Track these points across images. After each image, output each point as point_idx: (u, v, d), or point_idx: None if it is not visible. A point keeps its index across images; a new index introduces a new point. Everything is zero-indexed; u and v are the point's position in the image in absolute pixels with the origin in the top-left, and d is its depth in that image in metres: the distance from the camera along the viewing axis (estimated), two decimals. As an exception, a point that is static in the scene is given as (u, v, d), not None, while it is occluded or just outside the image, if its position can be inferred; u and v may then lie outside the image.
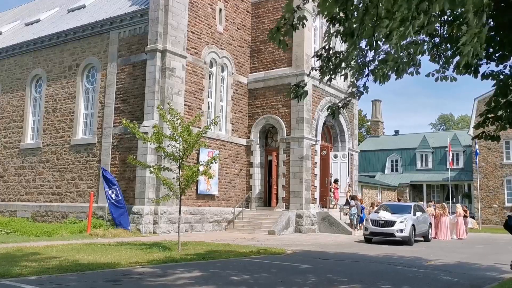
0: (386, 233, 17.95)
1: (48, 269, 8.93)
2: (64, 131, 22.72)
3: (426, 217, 20.42)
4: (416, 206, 20.16)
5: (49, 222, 21.13)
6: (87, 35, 22.48)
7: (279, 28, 6.37)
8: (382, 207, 20.05)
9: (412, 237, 17.94)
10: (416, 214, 18.91)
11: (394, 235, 17.73)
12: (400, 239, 17.76)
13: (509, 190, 38.46)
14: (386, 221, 18.07)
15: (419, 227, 18.87)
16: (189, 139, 12.93)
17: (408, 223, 17.89)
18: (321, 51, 7.42)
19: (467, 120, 61.46)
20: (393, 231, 17.73)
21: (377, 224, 18.10)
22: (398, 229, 17.69)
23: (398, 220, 17.89)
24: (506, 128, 7.96)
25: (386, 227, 17.92)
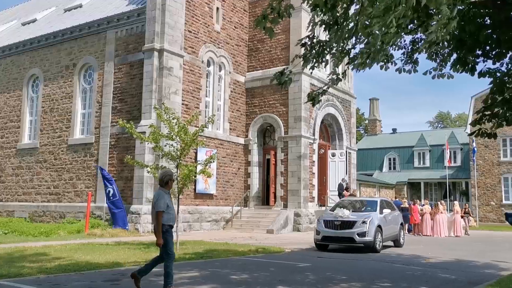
0: (343, 237, 13.99)
1: (46, 269, 8.91)
2: (61, 130, 22.67)
3: (396, 216, 16.46)
4: (384, 202, 16.17)
5: (47, 222, 21.09)
6: (84, 35, 22.44)
7: (265, 16, 6.42)
8: (340, 203, 16.25)
9: (378, 242, 14.05)
10: (383, 212, 14.97)
11: (353, 239, 13.80)
12: (361, 244, 13.87)
13: (506, 188, 38.56)
14: (343, 221, 14.01)
15: (387, 228, 14.93)
16: (186, 138, 12.92)
17: (372, 224, 13.88)
18: (305, 40, 7.47)
19: (464, 118, 61.59)
20: (352, 235, 13.77)
21: (332, 226, 14.10)
22: (359, 232, 13.72)
23: (359, 220, 13.90)
24: (503, 125, 7.98)
25: (343, 229, 13.92)
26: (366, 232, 13.71)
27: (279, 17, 6.51)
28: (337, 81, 7.88)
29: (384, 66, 7.84)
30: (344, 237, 13.98)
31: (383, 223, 14.56)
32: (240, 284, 7.95)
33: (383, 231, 14.42)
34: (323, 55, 7.38)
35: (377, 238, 14.02)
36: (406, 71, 8.43)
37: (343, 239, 14.07)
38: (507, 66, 7.83)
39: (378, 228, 14.12)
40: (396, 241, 16.17)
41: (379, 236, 14.13)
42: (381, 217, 14.66)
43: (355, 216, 14.29)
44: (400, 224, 16.48)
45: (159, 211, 6.78)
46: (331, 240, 14.28)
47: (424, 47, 5.74)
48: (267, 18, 6.46)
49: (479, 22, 7.17)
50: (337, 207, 15.34)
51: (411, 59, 8.46)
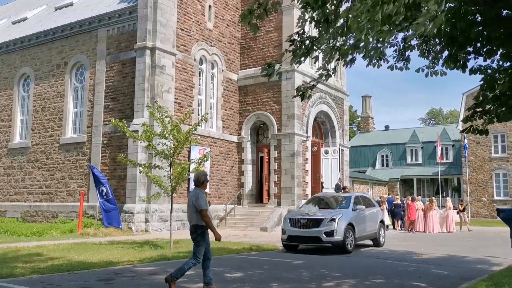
0: (309, 237, 12.81)
1: (39, 269, 8.87)
2: (53, 130, 22.53)
3: (374, 213, 15.15)
4: (360, 198, 14.88)
5: (39, 222, 20.96)
6: (75, 33, 22.29)
7: (252, 11, 6.41)
8: (313, 199, 15.14)
9: (349, 242, 12.88)
10: (357, 208, 13.80)
11: (320, 239, 12.60)
12: (329, 244, 12.72)
13: (498, 184, 38.89)
14: (309, 219, 12.78)
15: (362, 227, 13.79)
16: (179, 136, 12.90)
17: (341, 222, 12.68)
18: (295, 36, 7.48)
19: (456, 114, 61.97)
20: (319, 234, 12.58)
21: (298, 225, 12.93)
22: (326, 231, 12.51)
23: (327, 218, 12.71)
24: (494, 121, 8.04)
25: (309, 228, 12.77)
26: (334, 230, 12.48)
27: (265, 13, 6.51)
28: (327, 76, 7.90)
29: (376, 63, 7.87)
30: (310, 236, 12.76)
31: (356, 221, 13.39)
32: (234, 282, 7.96)
33: (356, 230, 13.22)
34: (312, 51, 7.40)
35: (348, 237, 12.83)
36: (398, 68, 8.48)
37: (310, 238, 12.86)
38: (498, 63, 7.88)
39: (349, 226, 12.93)
40: (375, 240, 14.95)
41: (350, 235, 12.95)
42: (354, 214, 13.49)
43: (323, 213, 13.06)
44: (380, 221, 15.32)
45: (203, 209, 6.87)
46: (297, 240, 13.14)
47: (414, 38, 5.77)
48: (253, 13, 6.45)
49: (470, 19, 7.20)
50: (308, 204, 14.19)
51: (403, 57, 8.50)
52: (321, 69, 7.89)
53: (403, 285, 7.89)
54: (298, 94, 8.12)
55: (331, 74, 7.89)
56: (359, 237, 13.63)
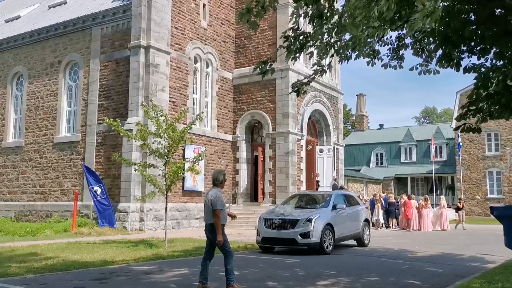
0: (284, 238, 12.07)
1: (33, 268, 8.83)
2: (47, 129, 22.43)
3: (358, 211, 14.48)
4: (341, 197, 14.05)
5: (33, 222, 20.87)
6: (68, 32, 22.19)
7: (250, 9, 6.41)
8: (292, 198, 14.76)
9: (327, 243, 12.15)
10: (337, 207, 13.08)
11: (295, 241, 11.90)
12: (305, 247, 12.01)
13: (491, 182, 39.12)
14: (284, 220, 12.07)
15: (342, 227, 13.06)
16: (174, 135, 12.88)
17: (318, 223, 11.99)
18: (288, 32, 7.49)
19: (450, 113, 62.26)
20: (294, 236, 11.87)
21: (272, 225, 12.22)
22: (302, 232, 11.81)
23: (303, 218, 12.01)
24: (487, 120, 8.08)
25: (284, 229, 12.02)
26: (310, 232, 11.78)
27: (263, 10, 6.51)
28: (322, 72, 7.90)
29: (370, 62, 7.89)
30: (285, 238, 12.00)
31: (336, 221, 12.69)
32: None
33: (335, 230, 12.54)
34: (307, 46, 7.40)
35: (326, 238, 12.15)
36: (392, 67, 8.49)
37: (284, 240, 12.09)
38: (491, 62, 7.92)
39: (327, 226, 12.23)
40: (358, 240, 14.33)
41: (328, 236, 12.25)
42: (333, 214, 12.77)
43: (300, 213, 12.38)
44: (365, 220, 14.63)
45: (217, 209, 6.93)
46: (272, 241, 12.41)
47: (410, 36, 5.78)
48: (251, 12, 6.45)
49: (464, 18, 7.23)
50: (287, 203, 13.67)
51: (397, 55, 8.52)
52: (316, 65, 7.89)
53: (397, 283, 7.92)
54: (294, 90, 8.13)
55: (326, 70, 7.89)
56: (339, 238, 12.96)
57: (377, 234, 20.38)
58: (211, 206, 6.99)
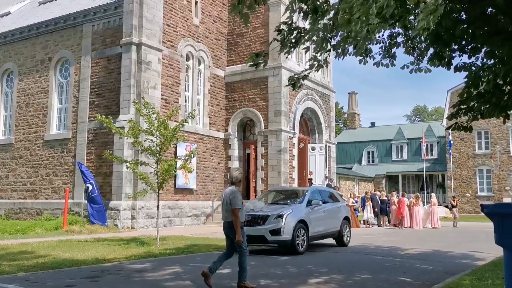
0: (253, 236, 11.06)
1: (24, 267, 8.77)
2: (37, 126, 22.25)
3: (337, 208, 13.72)
4: (318, 193, 13.40)
5: (24, 220, 20.73)
6: (59, 28, 22.01)
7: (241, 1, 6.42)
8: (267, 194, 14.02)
9: (300, 241, 11.54)
10: (312, 204, 12.39)
11: (265, 238, 11.31)
12: (275, 245, 11.52)
13: (481, 180, 39.45)
14: (253, 216, 11.45)
15: (318, 224, 12.34)
16: (166, 133, 12.83)
17: (290, 219, 11.39)
18: (283, 26, 7.49)
19: (441, 111, 62.66)
20: (263, 233, 11.27)
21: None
22: (272, 229, 11.23)
23: (273, 214, 11.41)
24: (478, 118, 8.15)
25: (253, 225, 11.31)
26: (281, 229, 11.16)
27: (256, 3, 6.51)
28: (318, 66, 7.91)
29: (362, 60, 7.91)
30: (254, 235, 11.13)
31: (310, 218, 12.03)
32: (222, 278, 7.97)
33: (310, 228, 11.90)
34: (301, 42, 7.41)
35: (299, 236, 11.50)
36: (384, 65, 8.53)
37: (254, 238, 11.15)
38: (482, 61, 7.99)
39: (300, 223, 11.59)
40: (338, 239, 13.57)
41: (302, 234, 11.59)
42: (307, 210, 12.12)
43: (271, 209, 11.80)
44: (344, 218, 13.80)
45: (236, 208, 7.05)
46: None
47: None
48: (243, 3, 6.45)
49: (455, 17, 7.28)
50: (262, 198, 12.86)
51: (389, 53, 8.55)
52: (312, 60, 7.90)
53: (389, 280, 7.97)
54: (290, 83, 8.15)
55: (323, 65, 7.90)
56: (314, 236, 12.26)
57: (368, 231, 20.50)
58: (230, 205, 7.12)
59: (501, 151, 38.57)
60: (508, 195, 37.46)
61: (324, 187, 18.34)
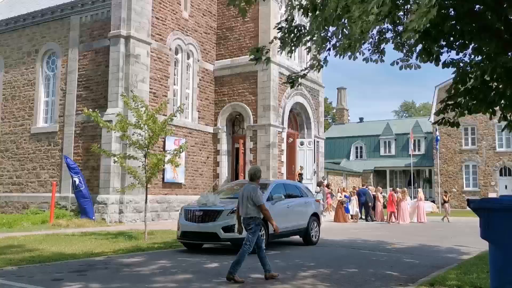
0: (205, 233, 10.37)
1: (10, 260, 8.69)
2: (23, 119, 21.99)
3: (304, 204, 12.62)
4: (282, 186, 12.29)
5: (10, 213, 20.51)
6: (46, 20, 21.73)
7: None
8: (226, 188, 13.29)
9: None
10: (274, 198, 11.22)
11: (217, 236, 10.23)
12: (228, 242, 10.33)
13: (467, 175, 39.94)
14: (205, 211, 10.44)
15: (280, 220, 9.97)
16: (154, 127, 12.76)
17: None
18: (283, 23, 7.47)
19: (428, 107, 63.17)
20: (216, 230, 10.20)
21: (193, 218, 10.56)
22: (225, 226, 10.15)
23: (227, 209, 10.29)
24: (465, 114, 8.22)
25: (205, 221, 10.37)
26: (235, 225, 9.39)
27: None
28: (319, 66, 7.93)
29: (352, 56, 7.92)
30: (206, 232, 10.30)
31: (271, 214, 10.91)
32: (210, 272, 7.98)
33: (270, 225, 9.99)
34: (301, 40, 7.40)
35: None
36: (373, 61, 8.54)
37: (205, 235, 10.36)
38: (470, 57, 8.05)
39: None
40: (305, 237, 12.48)
41: (263, 231, 10.34)
42: (268, 206, 10.52)
43: (225, 204, 10.62)
44: (313, 214, 12.72)
45: (263, 204, 7.41)
46: (192, 237, 10.61)
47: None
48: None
49: (443, 13, 7.32)
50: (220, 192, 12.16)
51: (378, 49, 8.57)
52: (312, 60, 7.90)
53: (376, 274, 8.05)
54: (288, 82, 8.17)
55: (323, 65, 7.93)
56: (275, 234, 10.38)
57: (355, 226, 20.65)
58: (252, 202, 7.32)
59: (487, 147, 39.05)
60: (493, 190, 37.98)
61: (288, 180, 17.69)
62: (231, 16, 23.81)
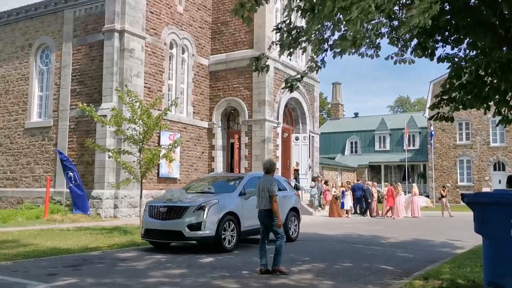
0: (168, 231, 9.67)
1: (5, 255, 8.67)
2: (17, 114, 21.87)
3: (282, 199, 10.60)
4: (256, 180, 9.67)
5: (4, 208, 20.43)
6: (40, 14, 21.57)
7: (243, 4, 6.37)
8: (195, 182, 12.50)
9: (227, 237, 9.80)
10: (247, 193, 10.51)
11: (182, 234, 9.52)
12: (194, 242, 9.72)
13: (461, 170, 40.13)
14: (170, 208, 9.75)
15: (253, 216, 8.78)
16: (149, 121, 12.73)
17: (214, 211, 9.64)
18: (281, 25, 7.45)
19: (423, 102, 63.36)
20: (180, 227, 9.51)
21: (157, 215, 9.87)
22: (191, 224, 9.48)
23: (193, 205, 9.65)
24: (459, 109, 8.25)
25: (169, 219, 9.67)
26: (202, 223, 9.38)
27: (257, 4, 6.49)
28: (315, 68, 7.91)
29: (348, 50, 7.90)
30: (170, 230, 9.62)
31: (243, 209, 10.22)
32: (205, 267, 7.98)
33: (242, 221, 10.17)
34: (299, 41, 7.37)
35: (227, 231, 9.78)
36: (369, 56, 8.54)
37: (169, 233, 9.66)
38: (465, 52, 8.07)
39: (229, 216, 9.84)
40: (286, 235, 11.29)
41: (230, 229, 9.86)
42: (239, 201, 10.30)
43: (191, 199, 10.00)
44: (291, 209, 11.96)
45: (275, 195, 7.46)
46: (155, 235, 9.91)
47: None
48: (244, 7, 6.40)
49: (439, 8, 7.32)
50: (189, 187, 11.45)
51: (373, 44, 8.57)
52: (310, 61, 7.89)
53: (370, 268, 8.08)
54: (287, 86, 8.16)
55: (321, 66, 7.92)
56: (248, 231, 10.46)
57: (349, 221, 20.72)
58: (268, 192, 7.45)
59: (481, 142, 39.24)
60: (487, 185, 38.21)
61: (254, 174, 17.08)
62: (226, 11, 23.72)
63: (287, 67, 23.86)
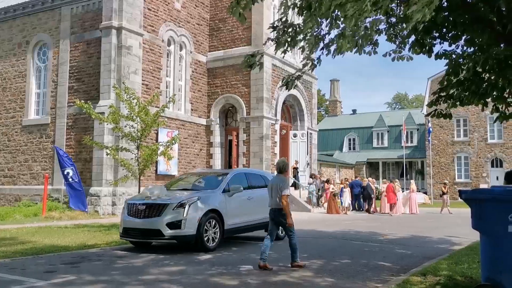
0: (147, 229, 9.26)
1: (3, 253, 8.66)
2: (15, 111, 21.82)
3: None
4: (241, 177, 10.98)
5: (2, 206, 20.41)
6: (37, 11, 21.50)
7: (239, 1, 6.36)
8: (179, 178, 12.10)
9: (209, 236, 9.39)
10: (231, 189, 10.15)
11: (161, 233, 9.08)
12: (173, 241, 9.32)
13: (459, 166, 40.20)
14: (148, 205, 9.36)
15: (238, 214, 10.12)
16: (147, 119, 12.72)
17: (195, 209, 9.24)
18: (277, 23, 7.44)
19: (421, 99, 63.39)
20: (159, 226, 9.08)
21: (135, 213, 9.44)
22: (170, 222, 9.07)
23: (174, 203, 9.22)
24: (457, 106, 8.26)
25: (148, 217, 9.26)
26: (182, 221, 9.01)
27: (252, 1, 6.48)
28: (312, 66, 7.92)
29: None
30: (148, 229, 9.22)
31: (227, 207, 9.89)
32: (203, 264, 7.99)
33: (226, 219, 9.79)
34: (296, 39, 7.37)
35: (209, 230, 9.37)
36: (367, 53, 8.53)
37: (148, 232, 9.25)
38: (462, 49, 8.07)
39: (211, 214, 9.46)
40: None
41: (212, 227, 9.47)
42: (223, 198, 9.95)
43: (172, 196, 9.60)
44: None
45: (286, 195, 7.60)
46: (134, 234, 9.49)
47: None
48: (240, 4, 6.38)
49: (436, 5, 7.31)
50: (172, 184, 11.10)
51: (371, 41, 8.56)
52: (306, 59, 7.88)
53: (368, 265, 8.10)
54: (284, 84, 8.19)
55: (316, 64, 7.94)
56: (233, 229, 10.16)
57: (347, 217, 20.75)
58: (280, 191, 7.58)
59: (479, 139, 39.30)
60: (485, 181, 38.29)
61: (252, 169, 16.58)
62: (224, 7, 23.66)
63: (285, 64, 23.85)
